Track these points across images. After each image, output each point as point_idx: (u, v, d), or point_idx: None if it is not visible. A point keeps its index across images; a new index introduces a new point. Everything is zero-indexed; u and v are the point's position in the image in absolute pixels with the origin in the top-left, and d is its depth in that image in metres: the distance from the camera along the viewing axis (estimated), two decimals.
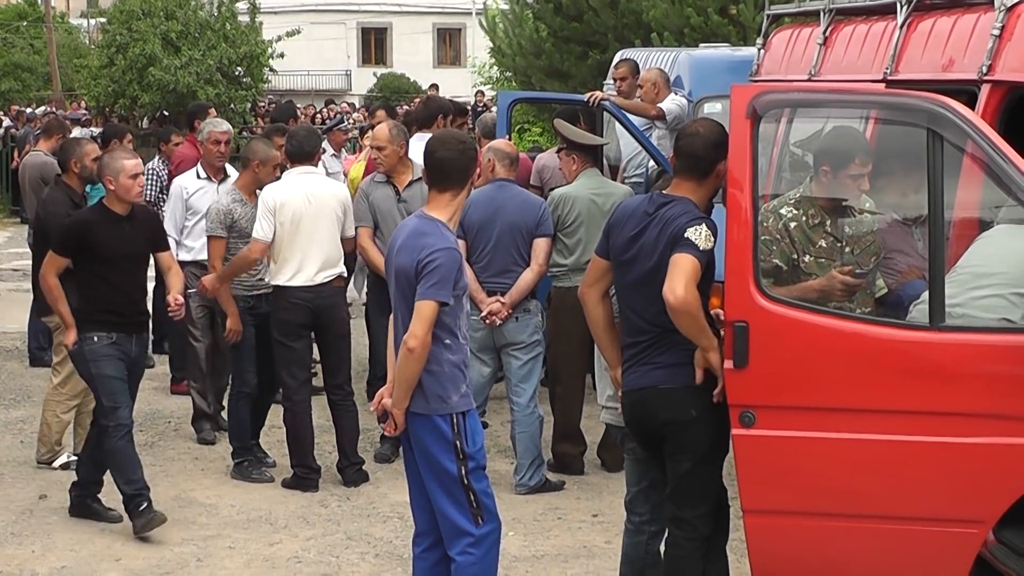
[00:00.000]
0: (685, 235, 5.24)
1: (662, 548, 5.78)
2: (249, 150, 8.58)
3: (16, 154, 23.53)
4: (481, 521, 5.54)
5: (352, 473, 8.24)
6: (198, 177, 9.56)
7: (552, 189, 8.92)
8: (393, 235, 5.74)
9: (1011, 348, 5.09)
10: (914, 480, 5.17)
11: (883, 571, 5.34)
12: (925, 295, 5.20)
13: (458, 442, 5.50)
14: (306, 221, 8.01)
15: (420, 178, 8.50)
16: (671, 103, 10.17)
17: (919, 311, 5.28)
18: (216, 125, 9.70)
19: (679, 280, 5.14)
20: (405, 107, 23.43)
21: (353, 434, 8.30)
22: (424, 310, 5.38)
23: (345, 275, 8.47)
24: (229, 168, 9.72)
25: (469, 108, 22.38)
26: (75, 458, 8.40)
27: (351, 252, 8.61)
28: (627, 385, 5.56)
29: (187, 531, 7.46)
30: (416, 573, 5.79)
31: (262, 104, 31.69)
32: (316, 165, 8.42)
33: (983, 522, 5.19)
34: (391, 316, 5.77)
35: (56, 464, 8.57)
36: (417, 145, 8.67)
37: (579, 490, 8.16)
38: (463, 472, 5.50)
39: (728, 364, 5.17)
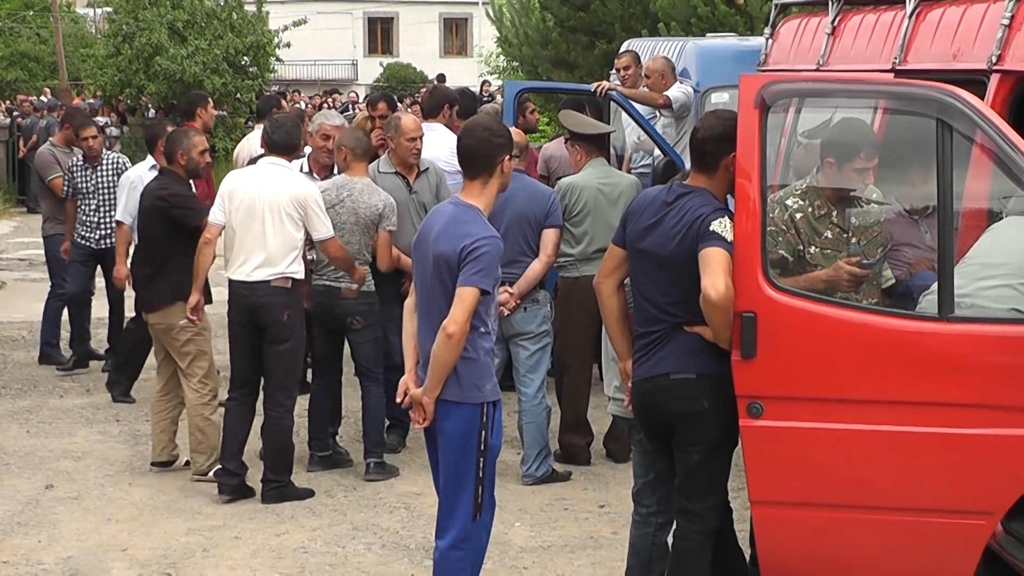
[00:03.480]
0: (711, 228, 5.20)
1: (669, 540, 5.77)
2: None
3: (23, 144, 23.53)
4: (478, 516, 5.50)
5: (267, 490, 7.73)
6: (300, 171, 8.51)
7: (559, 178, 8.90)
8: (426, 222, 5.67)
9: (1020, 338, 5.06)
10: (922, 471, 5.15)
11: (891, 563, 5.32)
12: (934, 286, 5.18)
13: (484, 432, 5.45)
14: (250, 213, 7.61)
15: (427, 169, 8.50)
16: (677, 91, 10.18)
17: (928, 302, 5.25)
18: (328, 118, 8.80)
19: (719, 275, 5.09)
20: (414, 97, 23.38)
21: (277, 450, 7.75)
22: (466, 296, 5.33)
23: (296, 277, 7.66)
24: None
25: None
26: (219, 467, 7.88)
27: (335, 256, 7.78)
28: (638, 375, 5.51)
29: (193, 521, 7.46)
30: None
31: (268, 92, 31.69)
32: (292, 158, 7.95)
33: (991, 514, 5.17)
34: (404, 306, 5.74)
35: (212, 475, 7.98)
36: (426, 136, 8.62)
37: (586, 481, 8.15)
38: (480, 464, 5.45)
39: (736, 355, 5.15)
